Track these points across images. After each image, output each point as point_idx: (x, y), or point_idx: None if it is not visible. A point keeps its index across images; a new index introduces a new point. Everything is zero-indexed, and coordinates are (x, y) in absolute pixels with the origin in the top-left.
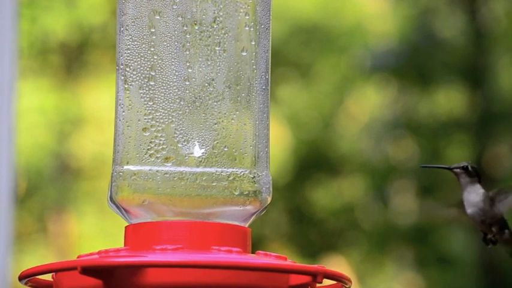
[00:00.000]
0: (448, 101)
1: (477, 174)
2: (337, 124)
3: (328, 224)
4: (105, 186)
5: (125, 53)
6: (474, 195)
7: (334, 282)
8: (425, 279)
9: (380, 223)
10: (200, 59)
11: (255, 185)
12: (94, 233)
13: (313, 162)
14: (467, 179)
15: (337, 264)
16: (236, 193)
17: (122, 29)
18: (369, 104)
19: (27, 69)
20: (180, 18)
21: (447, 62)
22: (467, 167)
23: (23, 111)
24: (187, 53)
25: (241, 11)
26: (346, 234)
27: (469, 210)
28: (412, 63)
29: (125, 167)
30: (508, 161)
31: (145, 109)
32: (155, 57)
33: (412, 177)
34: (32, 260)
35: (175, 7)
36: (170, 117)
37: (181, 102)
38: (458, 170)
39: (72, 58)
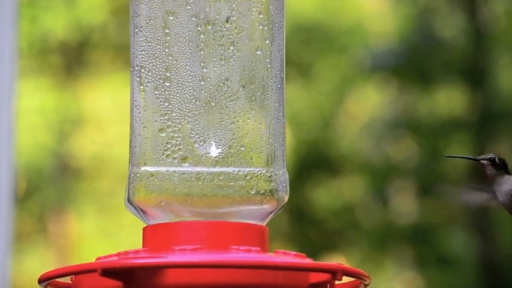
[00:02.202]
0: (448, 100)
1: (504, 165)
2: (337, 124)
3: (328, 224)
4: (105, 186)
5: (140, 54)
6: (505, 184)
7: (353, 279)
8: (425, 279)
9: (380, 223)
10: (214, 59)
11: (272, 183)
12: (94, 233)
13: (313, 162)
14: (494, 171)
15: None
16: (253, 192)
17: (136, 30)
18: (369, 104)
19: (27, 69)
20: (193, 19)
21: (447, 62)
22: (494, 158)
23: (23, 111)
24: (202, 53)
25: (255, 10)
26: (346, 234)
27: (501, 198)
28: (412, 63)
29: (142, 168)
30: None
31: (161, 110)
32: (170, 58)
33: (412, 177)
34: (32, 260)
35: (188, 7)
36: (186, 118)
37: (197, 103)
38: (485, 162)
39: (72, 58)
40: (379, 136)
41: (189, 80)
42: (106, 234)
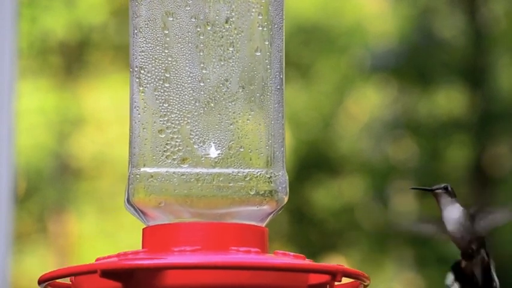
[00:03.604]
0: (448, 101)
1: (455, 194)
2: (337, 124)
3: (328, 224)
4: (105, 186)
5: (139, 55)
6: (455, 211)
7: (352, 280)
8: (425, 279)
9: (380, 223)
10: (214, 60)
11: (271, 184)
12: (94, 233)
13: (313, 162)
14: (448, 199)
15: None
16: (252, 193)
17: (136, 31)
18: (369, 104)
19: (27, 69)
20: (193, 20)
21: (447, 62)
22: (447, 187)
23: (22, 111)
24: (201, 54)
25: (254, 11)
26: (346, 235)
27: (450, 227)
28: (412, 63)
29: (142, 169)
30: (508, 161)
31: (161, 111)
32: (169, 59)
33: (412, 177)
34: (32, 261)
35: (188, 8)
36: (185, 119)
37: (196, 104)
38: (439, 191)
39: (72, 58)
40: (379, 136)
41: (189, 81)
42: (106, 234)
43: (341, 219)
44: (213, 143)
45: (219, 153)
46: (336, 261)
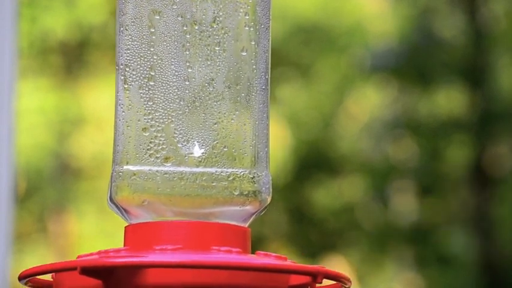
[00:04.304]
0: (448, 101)
1: None
2: (337, 124)
3: (328, 224)
4: (105, 186)
5: (125, 53)
6: None
7: (334, 282)
8: (425, 279)
9: (380, 223)
10: (200, 59)
11: (255, 185)
12: (94, 233)
13: (313, 162)
14: None
15: (338, 264)
16: (236, 193)
17: (122, 29)
18: (369, 104)
19: (27, 69)
20: (179, 18)
21: (447, 62)
22: None
23: (23, 111)
24: (187, 53)
25: (241, 11)
26: (346, 234)
27: None
28: (412, 63)
29: (125, 167)
30: (508, 161)
31: (145, 109)
32: (155, 57)
33: (412, 177)
34: (32, 260)
35: (175, 7)
36: (170, 117)
37: (181, 102)
38: None
39: (72, 58)
40: (379, 136)
41: (174, 80)
42: (106, 234)
43: (341, 219)
44: (197, 142)
45: (202, 153)
46: (336, 261)
